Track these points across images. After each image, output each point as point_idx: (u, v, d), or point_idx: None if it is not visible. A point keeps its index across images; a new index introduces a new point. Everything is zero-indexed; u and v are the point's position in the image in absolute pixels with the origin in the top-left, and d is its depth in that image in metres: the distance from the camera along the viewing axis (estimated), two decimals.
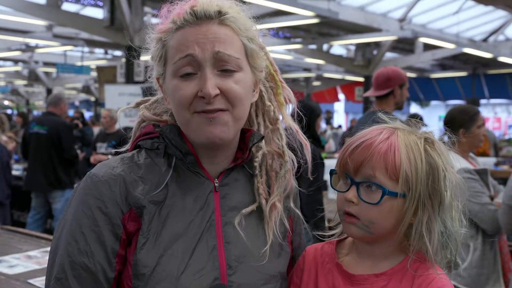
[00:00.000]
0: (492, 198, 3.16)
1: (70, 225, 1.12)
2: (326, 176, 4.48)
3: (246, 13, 1.19)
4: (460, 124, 3.26)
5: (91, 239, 1.10)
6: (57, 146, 6.27)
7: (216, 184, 1.19)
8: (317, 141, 4.39)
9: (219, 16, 1.13)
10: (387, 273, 1.17)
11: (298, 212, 1.34)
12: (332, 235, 1.31)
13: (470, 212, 3.13)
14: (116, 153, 1.27)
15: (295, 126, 1.30)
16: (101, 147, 7.38)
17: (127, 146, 1.28)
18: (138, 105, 1.32)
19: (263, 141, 1.25)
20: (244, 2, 1.19)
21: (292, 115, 1.31)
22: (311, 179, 1.32)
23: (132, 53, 1.35)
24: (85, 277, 1.09)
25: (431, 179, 1.14)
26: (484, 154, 7.95)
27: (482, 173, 3.17)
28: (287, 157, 1.26)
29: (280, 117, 1.29)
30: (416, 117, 1.30)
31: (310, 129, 4.32)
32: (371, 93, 4.09)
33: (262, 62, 1.21)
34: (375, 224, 1.15)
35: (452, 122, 3.31)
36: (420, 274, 1.15)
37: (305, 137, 1.30)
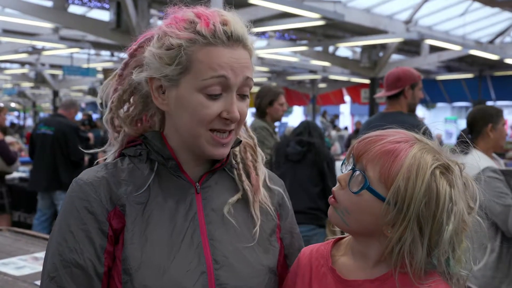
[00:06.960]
0: None
1: (59, 226, 1.17)
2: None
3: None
4: (489, 119, 3.25)
5: (80, 237, 1.14)
6: (63, 147, 6.28)
7: (197, 187, 1.23)
8: (322, 140, 4.37)
9: (243, 40, 1.17)
10: (380, 278, 1.14)
11: (288, 210, 1.37)
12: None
13: (491, 212, 3.06)
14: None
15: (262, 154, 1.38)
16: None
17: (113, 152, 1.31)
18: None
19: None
20: (251, 5, 1.20)
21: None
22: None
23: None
24: (76, 273, 1.13)
25: (426, 203, 1.06)
26: None
27: (507, 174, 3.08)
28: (258, 149, 1.35)
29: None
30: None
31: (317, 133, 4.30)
32: (381, 93, 3.98)
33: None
34: (350, 216, 1.15)
35: (481, 118, 3.28)
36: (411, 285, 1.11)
37: (261, 152, 1.37)
